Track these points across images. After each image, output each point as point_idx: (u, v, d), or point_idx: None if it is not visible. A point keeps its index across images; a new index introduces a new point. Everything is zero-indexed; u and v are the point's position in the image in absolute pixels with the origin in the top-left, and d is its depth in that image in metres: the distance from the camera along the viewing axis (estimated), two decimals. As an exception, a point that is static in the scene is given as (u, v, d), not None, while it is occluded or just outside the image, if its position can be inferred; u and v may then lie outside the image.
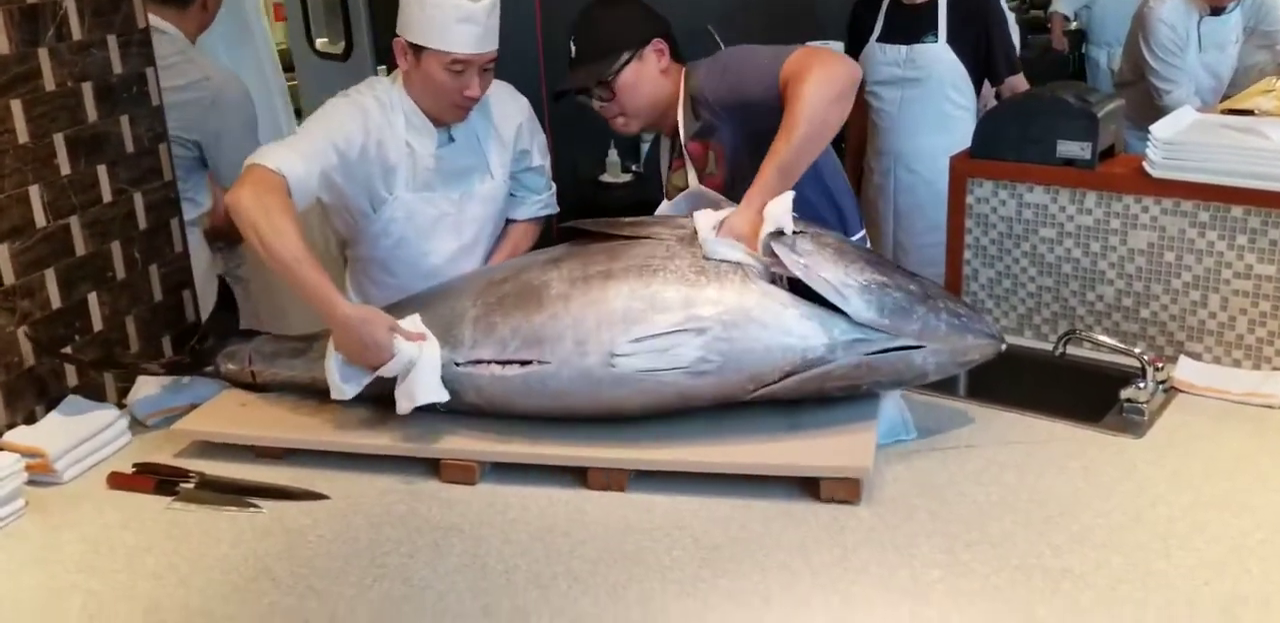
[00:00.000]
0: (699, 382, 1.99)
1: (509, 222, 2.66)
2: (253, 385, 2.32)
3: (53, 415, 2.22)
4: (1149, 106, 4.28)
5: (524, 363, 2.05)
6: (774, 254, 2.02)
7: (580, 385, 2.03)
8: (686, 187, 2.37)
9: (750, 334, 1.98)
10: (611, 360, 1.99)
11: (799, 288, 2.00)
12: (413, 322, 2.13)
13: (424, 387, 2.06)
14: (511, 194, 2.63)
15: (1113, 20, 5.81)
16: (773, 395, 2.01)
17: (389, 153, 2.41)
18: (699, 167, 2.39)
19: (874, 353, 1.99)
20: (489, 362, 2.07)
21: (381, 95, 2.42)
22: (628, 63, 2.36)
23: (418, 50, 2.34)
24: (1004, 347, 2.07)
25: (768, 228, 2.04)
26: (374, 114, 2.40)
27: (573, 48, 2.39)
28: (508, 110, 2.55)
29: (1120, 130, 2.58)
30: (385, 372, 2.07)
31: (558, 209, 2.72)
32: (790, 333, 1.98)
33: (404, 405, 2.07)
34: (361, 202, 2.46)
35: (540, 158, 2.63)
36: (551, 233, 2.74)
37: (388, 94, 2.42)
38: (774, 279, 2.03)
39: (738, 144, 2.31)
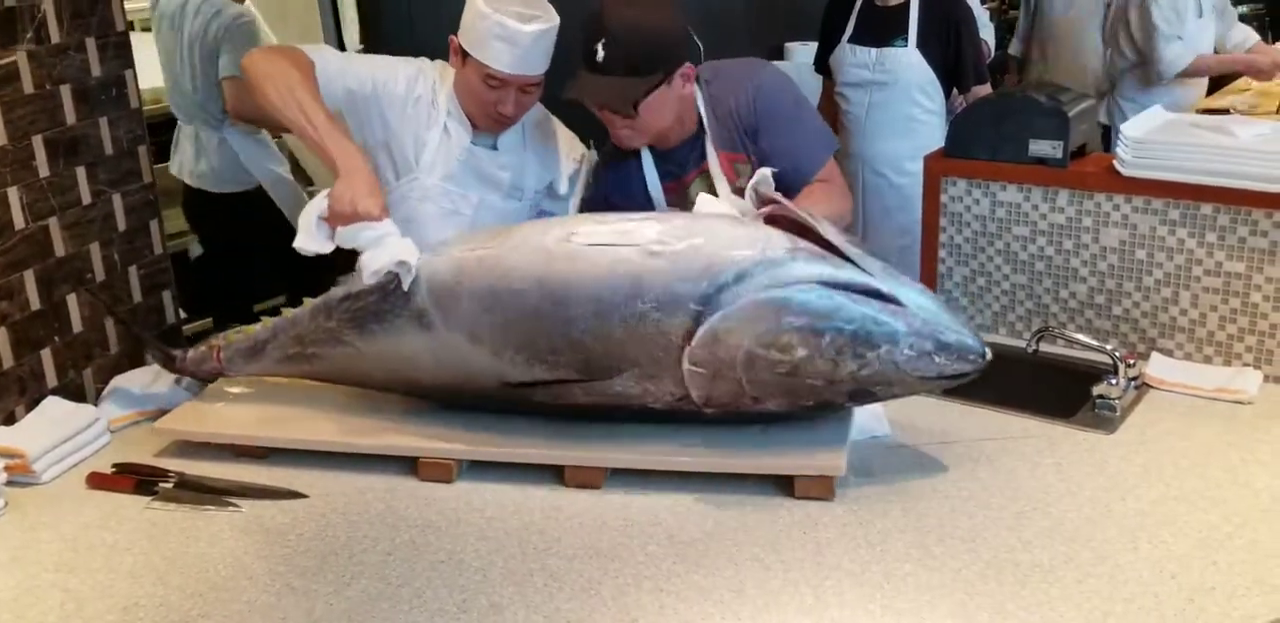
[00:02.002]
0: (653, 264, 1.92)
1: None
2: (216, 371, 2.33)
3: (32, 416, 2.23)
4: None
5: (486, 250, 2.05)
6: (769, 201, 2.02)
7: (532, 261, 1.99)
8: (706, 193, 2.31)
9: (713, 228, 1.97)
10: (569, 237, 1.98)
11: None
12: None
13: (393, 249, 2.05)
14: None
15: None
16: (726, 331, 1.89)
17: (425, 122, 2.41)
18: (730, 178, 2.34)
19: (844, 286, 1.89)
20: (454, 249, 2.09)
21: (439, 75, 2.43)
22: (657, 86, 2.24)
23: (464, 54, 2.34)
24: (984, 362, 1.95)
25: (754, 181, 2.04)
26: (426, 81, 2.41)
27: (600, 51, 2.20)
28: (563, 157, 2.53)
29: (1092, 129, 2.60)
30: (359, 238, 2.07)
31: None
32: (755, 233, 1.95)
33: (370, 271, 2.04)
34: (385, 156, 2.44)
35: (567, 203, 2.56)
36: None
37: (445, 77, 2.43)
38: None
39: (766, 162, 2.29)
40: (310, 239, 2.12)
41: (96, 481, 2.09)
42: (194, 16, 3.84)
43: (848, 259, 1.93)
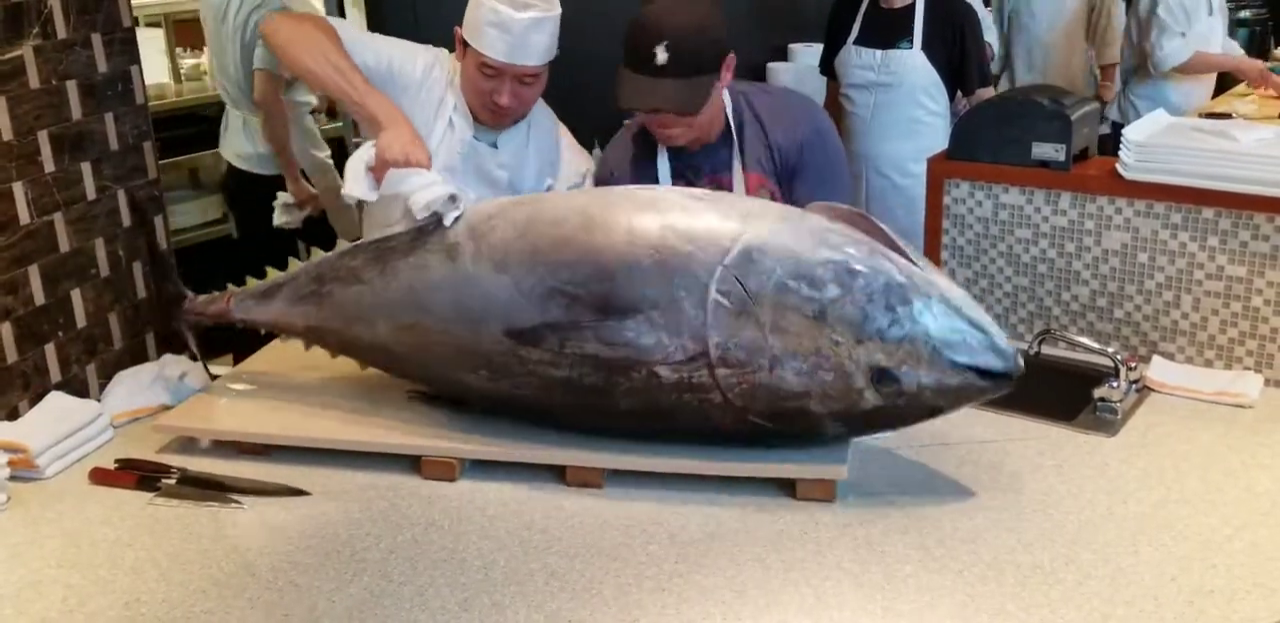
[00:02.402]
0: (694, 205, 1.94)
1: None
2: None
3: (35, 411, 2.24)
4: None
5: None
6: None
7: (574, 197, 2.10)
8: None
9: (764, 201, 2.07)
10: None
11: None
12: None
13: (445, 188, 2.09)
14: None
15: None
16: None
17: (434, 111, 2.40)
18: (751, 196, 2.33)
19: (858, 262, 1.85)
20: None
21: (452, 66, 2.43)
22: (714, 83, 2.23)
23: (465, 44, 2.35)
24: (1015, 367, 1.89)
25: None
26: (441, 70, 2.41)
27: (660, 55, 2.15)
28: (565, 168, 2.51)
29: (1094, 132, 2.61)
30: (407, 183, 2.11)
31: None
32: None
33: (421, 205, 2.07)
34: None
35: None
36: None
37: (455, 70, 2.42)
38: None
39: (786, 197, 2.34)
40: (357, 185, 2.15)
41: (99, 476, 2.10)
42: (238, 8, 4.01)
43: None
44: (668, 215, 1.94)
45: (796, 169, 2.34)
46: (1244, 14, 6.83)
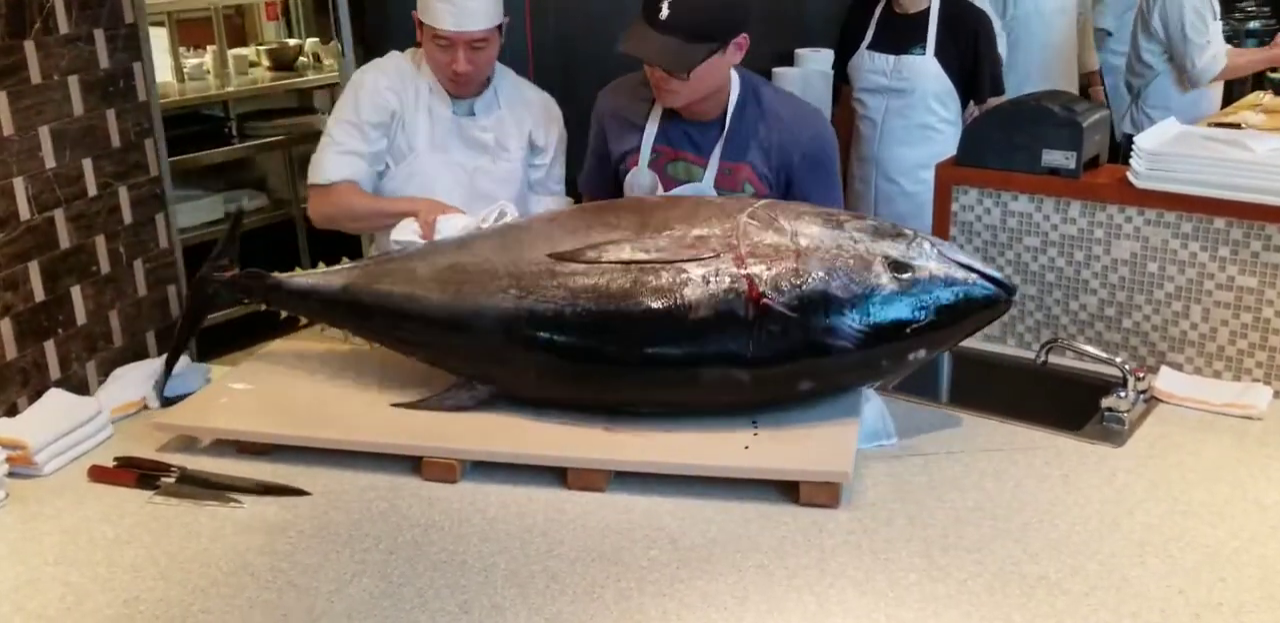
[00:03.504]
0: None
1: None
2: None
3: (34, 408, 2.22)
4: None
5: None
6: None
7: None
8: (688, 181, 2.41)
9: None
10: None
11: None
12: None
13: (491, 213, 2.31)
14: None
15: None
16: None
17: (410, 116, 2.57)
18: (729, 186, 2.39)
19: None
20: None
21: (402, 64, 2.59)
22: (713, 53, 2.26)
23: (421, 23, 2.50)
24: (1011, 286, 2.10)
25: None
26: (398, 68, 2.58)
27: (664, 9, 2.20)
28: (534, 111, 2.66)
29: (1105, 140, 2.59)
30: (458, 226, 2.31)
31: None
32: None
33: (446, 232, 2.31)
34: (393, 146, 2.61)
35: (548, 159, 2.71)
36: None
37: (410, 63, 2.58)
38: None
39: (768, 192, 2.39)
40: (403, 232, 2.36)
41: (98, 474, 2.08)
42: None
43: None
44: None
45: (795, 170, 2.39)
46: (1253, 25, 6.82)
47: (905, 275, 2.01)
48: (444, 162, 2.60)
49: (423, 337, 2.19)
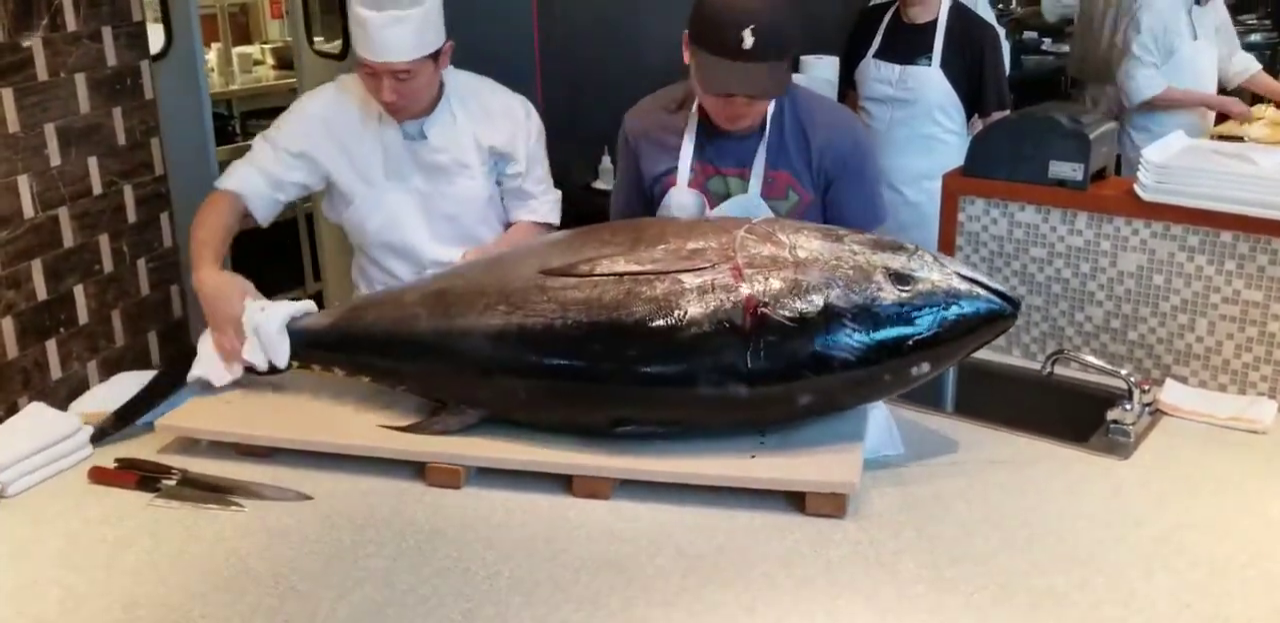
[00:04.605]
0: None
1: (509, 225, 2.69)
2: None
3: (10, 422, 2.14)
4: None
5: None
6: None
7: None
8: (728, 195, 2.34)
9: None
10: None
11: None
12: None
13: (260, 349, 2.21)
14: (503, 199, 2.63)
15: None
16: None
17: (356, 147, 2.49)
18: (773, 195, 2.33)
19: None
20: None
21: (349, 91, 2.49)
22: (791, 67, 2.23)
23: None
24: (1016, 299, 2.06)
25: None
26: (348, 92, 2.48)
27: (748, 38, 2.07)
28: (496, 120, 2.55)
29: (1112, 153, 2.59)
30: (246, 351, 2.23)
31: (556, 220, 2.69)
32: None
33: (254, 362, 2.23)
34: (339, 192, 2.53)
35: (522, 166, 2.60)
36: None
37: (356, 90, 2.48)
38: None
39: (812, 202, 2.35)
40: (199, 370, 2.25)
41: (99, 475, 2.06)
42: None
43: None
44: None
45: (835, 175, 2.32)
46: (1254, 37, 6.84)
47: (906, 286, 1.96)
48: (402, 190, 2.53)
49: (412, 362, 2.15)
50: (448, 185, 2.54)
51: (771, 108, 2.29)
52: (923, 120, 3.70)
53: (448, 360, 2.09)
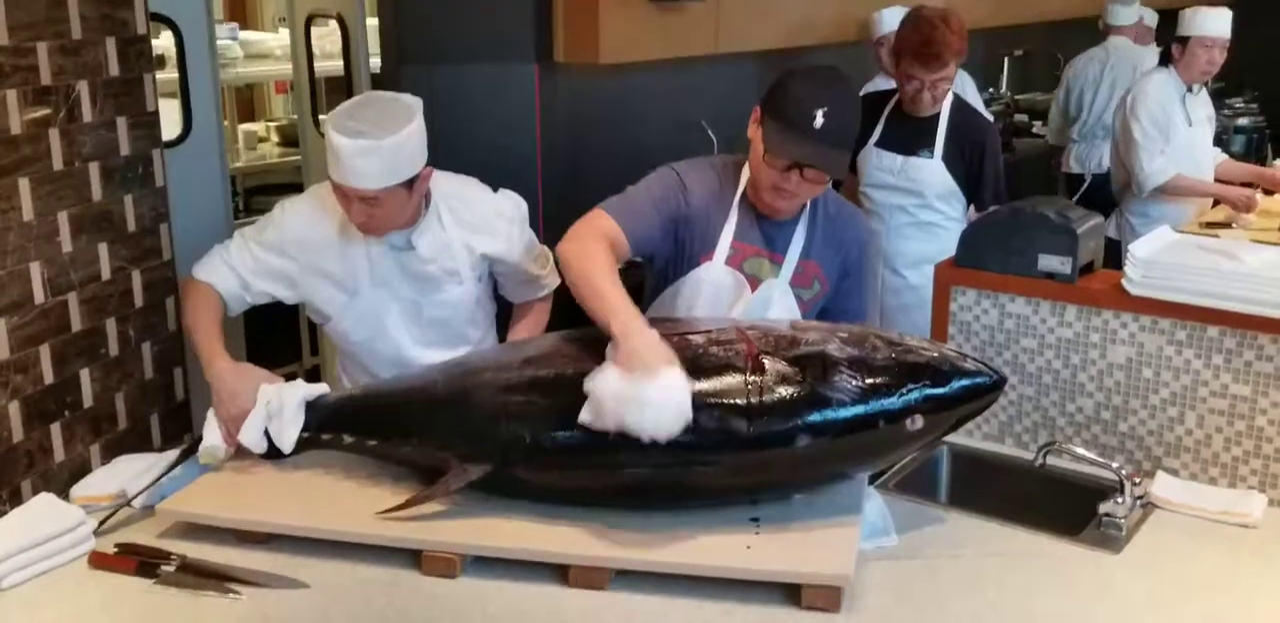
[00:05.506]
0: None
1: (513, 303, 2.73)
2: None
3: (15, 514, 2.13)
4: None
5: None
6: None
7: None
8: (758, 276, 2.40)
9: None
10: None
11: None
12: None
13: (266, 429, 2.24)
14: (502, 285, 2.67)
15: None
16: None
17: (336, 263, 2.45)
18: (800, 283, 2.42)
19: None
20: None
21: (327, 205, 2.42)
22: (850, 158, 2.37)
23: None
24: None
25: None
26: (314, 220, 2.44)
27: (820, 118, 2.22)
28: (484, 227, 2.51)
29: (1099, 247, 2.64)
30: (241, 432, 2.24)
31: (558, 280, 2.64)
32: None
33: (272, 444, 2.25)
34: (319, 302, 2.51)
35: (519, 260, 2.59)
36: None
37: (335, 202, 2.40)
38: None
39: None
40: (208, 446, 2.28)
41: (98, 560, 2.08)
42: None
43: None
44: None
45: (847, 268, 2.48)
46: (1242, 121, 6.98)
47: (898, 347, 2.11)
48: (390, 296, 2.49)
49: (422, 414, 2.21)
50: (436, 293, 2.51)
51: (808, 209, 2.41)
52: (924, 208, 3.74)
53: (455, 409, 2.17)
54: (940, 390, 2.08)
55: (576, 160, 4.19)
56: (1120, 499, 2.21)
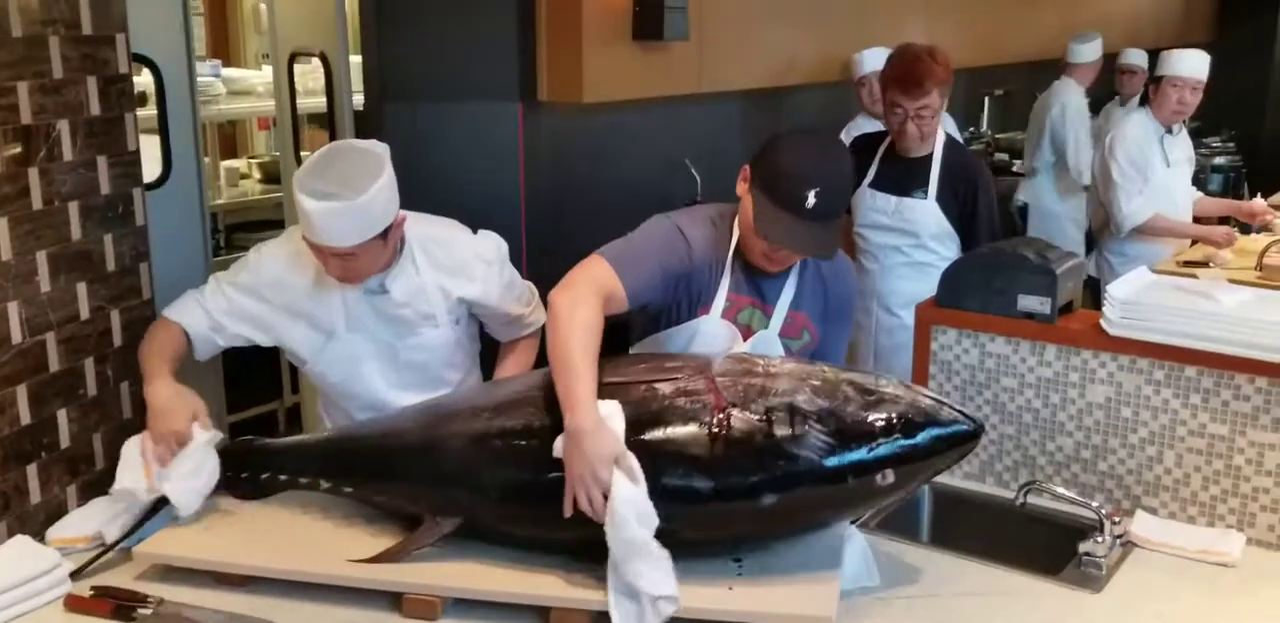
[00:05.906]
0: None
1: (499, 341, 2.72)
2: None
3: None
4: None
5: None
6: None
7: None
8: (750, 326, 2.40)
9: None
10: None
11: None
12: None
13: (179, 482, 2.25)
14: (486, 324, 2.66)
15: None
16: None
17: (313, 308, 2.45)
18: (789, 334, 2.43)
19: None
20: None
21: (303, 250, 2.40)
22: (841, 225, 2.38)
23: None
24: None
25: None
26: (286, 280, 2.44)
27: (811, 199, 2.20)
28: (461, 271, 2.49)
29: (1078, 287, 2.66)
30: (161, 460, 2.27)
31: (544, 318, 2.53)
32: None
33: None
34: (294, 345, 2.51)
35: (496, 298, 2.55)
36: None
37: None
38: None
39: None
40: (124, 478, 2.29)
41: (74, 604, 2.06)
42: None
43: None
44: None
45: (830, 321, 2.50)
46: (1219, 160, 7.07)
47: (872, 396, 2.06)
48: (365, 340, 2.47)
49: (386, 472, 2.23)
50: (412, 336, 2.49)
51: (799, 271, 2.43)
52: (918, 249, 3.74)
53: (426, 459, 2.18)
54: (912, 442, 2.03)
55: (560, 198, 4.21)
56: (1100, 538, 2.22)
